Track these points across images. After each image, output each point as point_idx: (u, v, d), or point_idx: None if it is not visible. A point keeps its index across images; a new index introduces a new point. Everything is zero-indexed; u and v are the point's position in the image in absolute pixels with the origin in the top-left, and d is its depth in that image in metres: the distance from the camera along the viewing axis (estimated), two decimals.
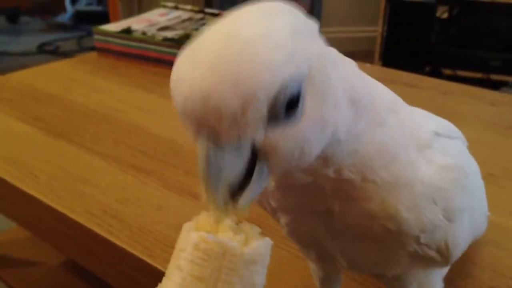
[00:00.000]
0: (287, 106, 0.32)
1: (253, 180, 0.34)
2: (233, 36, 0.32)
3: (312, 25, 0.36)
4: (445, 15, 2.70)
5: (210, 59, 0.31)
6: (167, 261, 0.67)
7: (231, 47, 0.31)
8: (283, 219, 0.47)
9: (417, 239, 0.43)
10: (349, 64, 0.40)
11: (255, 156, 0.34)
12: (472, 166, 0.51)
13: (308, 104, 0.34)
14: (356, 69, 0.41)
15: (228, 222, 0.37)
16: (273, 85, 0.31)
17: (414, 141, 0.43)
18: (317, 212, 0.43)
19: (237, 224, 0.37)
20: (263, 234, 0.38)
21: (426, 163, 0.42)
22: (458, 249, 0.46)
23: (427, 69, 2.67)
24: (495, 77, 2.60)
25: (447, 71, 2.65)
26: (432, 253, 0.44)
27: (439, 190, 0.42)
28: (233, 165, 0.33)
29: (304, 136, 0.34)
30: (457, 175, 0.44)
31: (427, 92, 1.14)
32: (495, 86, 2.54)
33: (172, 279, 0.36)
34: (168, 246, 0.68)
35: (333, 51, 0.39)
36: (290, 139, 0.34)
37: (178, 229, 0.38)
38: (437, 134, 0.45)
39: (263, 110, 0.31)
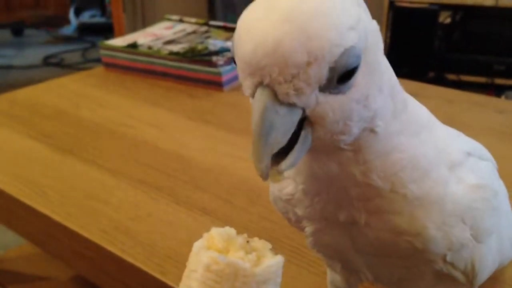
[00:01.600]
0: (344, 74, 0.33)
1: (298, 146, 0.35)
2: None
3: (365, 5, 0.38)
4: (448, 21, 2.70)
5: (285, 9, 0.32)
6: (178, 277, 0.67)
7: (304, 4, 0.32)
8: (309, 229, 0.47)
9: (443, 258, 0.42)
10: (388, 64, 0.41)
11: (302, 122, 0.35)
12: (502, 189, 0.50)
13: (359, 78, 0.34)
14: (393, 72, 0.41)
15: (239, 240, 0.37)
16: (339, 48, 0.32)
17: (446, 159, 0.42)
18: (343, 223, 0.43)
19: (247, 241, 0.38)
20: (274, 250, 0.38)
21: (457, 182, 0.42)
22: (484, 272, 0.46)
23: (431, 74, 2.68)
24: (499, 81, 2.59)
25: (451, 76, 2.65)
26: (457, 273, 0.44)
27: (469, 209, 0.42)
28: (285, 124, 0.33)
29: (349, 109, 0.35)
30: (487, 195, 0.43)
31: (432, 101, 1.15)
32: (500, 90, 2.54)
33: None
34: (180, 262, 0.68)
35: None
36: (337, 108, 0.34)
37: (189, 245, 0.39)
38: (469, 154, 0.45)
39: (325, 70, 0.32)
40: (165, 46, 1.32)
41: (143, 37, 1.40)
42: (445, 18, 2.69)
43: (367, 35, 0.35)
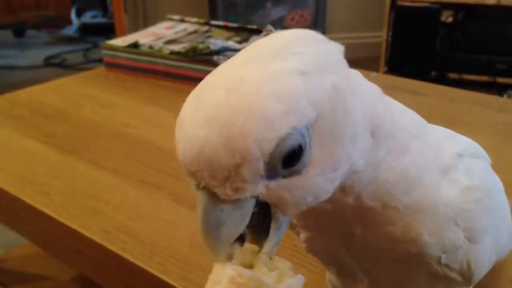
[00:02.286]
0: (289, 158, 0.31)
1: (272, 231, 0.35)
2: (234, 84, 0.31)
3: (330, 52, 0.35)
4: (450, 20, 2.70)
5: (210, 106, 0.31)
6: (180, 277, 0.67)
7: (230, 98, 0.30)
8: (303, 236, 0.47)
9: (438, 260, 0.42)
10: (372, 89, 0.38)
11: (266, 204, 0.34)
12: (496, 185, 0.50)
13: (315, 151, 0.32)
14: (379, 94, 0.39)
15: (263, 257, 0.38)
16: (270, 142, 0.30)
17: (437, 165, 0.42)
18: (338, 233, 0.43)
19: (270, 258, 0.37)
20: (295, 270, 0.38)
21: (449, 185, 0.42)
22: (480, 270, 0.46)
23: (433, 74, 2.67)
24: (501, 80, 2.59)
25: (453, 75, 2.65)
26: (453, 274, 0.44)
27: (462, 212, 0.42)
28: (234, 218, 0.33)
29: (312, 185, 0.33)
30: (480, 195, 0.43)
31: (434, 100, 1.15)
32: (502, 89, 2.54)
33: None
34: (181, 262, 0.68)
35: (356, 76, 0.37)
36: (297, 190, 0.33)
37: (190, 244, 0.39)
38: (460, 155, 0.44)
39: (259, 167, 0.30)
40: (167, 46, 1.32)
41: (144, 37, 1.40)
42: (447, 17, 2.69)
43: (321, 101, 0.32)
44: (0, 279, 1.21)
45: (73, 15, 3.87)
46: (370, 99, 0.37)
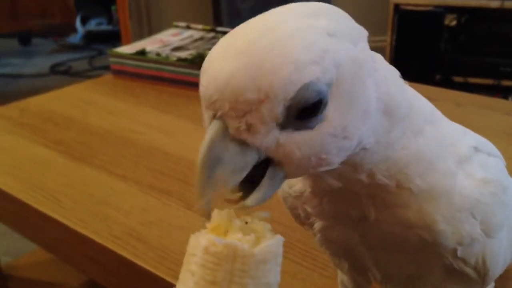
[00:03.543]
0: (308, 110, 0.32)
1: (263, 183, 0.35)
2: (267, 29, 0.32)
3: (356, 29, 0.36)
4: (454, 23, 2.70)
5: (241, 46, 0.32)
6: None
7: (263, 39, 0.32)
8: (318, 225, 0.47)
9: (453, 252, 0.42)
10: (391, 73, 0.40)
11: (268, 159, 0.34)
12: (511, 184, 0.50)
13: (330, 111, 0.33)
14: (397, 78, 0.40)
15: (237, 222, 0.37)
16: (294, 85, 0.31)
17: (453, 154, 0.42)
18: (353, 219, 0.43)
19: (246, 223, 0.37)
20: (274, 231, 0.37)
21: (465, 176, 0.42)
22: (495, 268, 0.46)
23: (438, 77, 2.67)
24: (506, 83, 2.59)
25: (458, 79, 2.64)
26: (468, 269, 0.44)
27: (478, 204, 0.42)
28: (235, 162, 0.33)
29: (321, 144, 0.34)
30: (496, 190, 0.43)
31: (440, 104, 1.13)
32: (507, 92, 2.53)
33: (185, 284, 0.36)
34: None
35: (378, 58, 0.38)
36: (305, 145, 0.33)
37: None
38: (477, 149, 0.45)
39: (279, 108, 0.31)
40: (173, 53, 1.33)
41: (151, 44, 1.41)
42: (450, 20, 2.69)
43: (341, 65, 0.33)
44: (9, 286, 1.22)
45: (78, 23, 3.89)
46: (387, 82, 0.38)
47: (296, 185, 0.46)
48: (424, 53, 2.64)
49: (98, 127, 1.11)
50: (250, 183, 0.35)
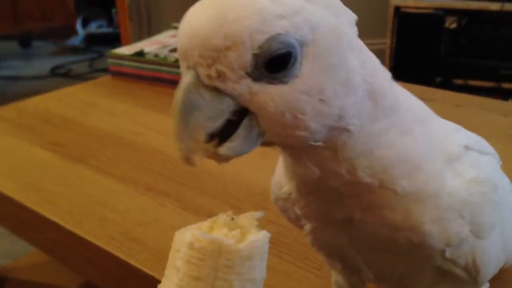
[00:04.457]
0: (278, 62, 0.33)
1: (237, 133, 0.35)
2: None
3: (340, 7, 0.38)
4: (454, 26, 2.70)
5: (210, 2, 0.34)
6: None
7: None
8: (307, 227, 0.47)
9: (442, 253, 0.42)
10: (376, 63, 0.40)
11: (246, 112, 0.35)
12: (504, 184, 0.49)
13: (305, 69, 0.34)
14: (385, 71, 0.41)
15: (223, 217, 0.37)
16: (261, 34, 0.32)
17: (442, 153, 0.42)
18: (339, 220, 0.43)
19: (232, 218, 0.37)
20: (261, 226, 0.37)
21: (454, 176, 0.42)
22: (487, 269, 0.45)
23: (438, 80, 2.67)
24: (506, 85, 2.59)
25: (458, 81, 2.64)
26: (458, 270, 0.44)
27: (467, 204, 0.42)
28: (210, 109, 0.34)
29: (295, 99, 0.34)
30: (486, 189, 0.43)
31: (439, 105, 1.14)
32: (507, 94, 2.53)
33: (170, 279, 0.36)
34: None
35: (362, 45, 0.39)
36: (279, 98, 0.34)
37: None
38: (468, 148, 0.44)
39: (247, 57, 0.33)
40: (172, 54, 1.33)
41: (149, 45, 1.41)
42: (450, 23, 2.69)
43: (318, 27, 0.35)
44: None
45: (78, 26, 3.89)
46: (373, 65, 0.39)
47: (285, 186, 0.46)
48: (424, 55, 2.64)
49: (96, 128, 1.11)
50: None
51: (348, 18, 0.38)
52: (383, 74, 0.40)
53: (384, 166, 0.39)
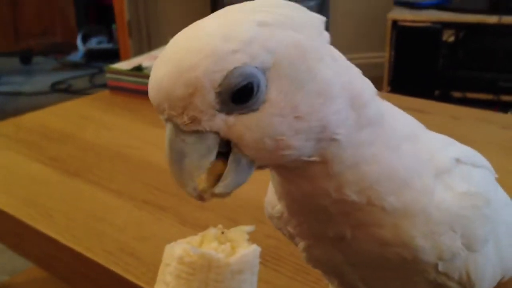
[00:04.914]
0: (242, 93, 0.34)
1: (228, 169, 0.36)
2: (192, 31, 0.36)
3: (304, 19, 0.38)
4: (452, 39, 2.71)
5: (169, 50, 0.36)
6: None
7: (187, 41, 0.35)
8: (301, 245, 0.47)
9: (435, 267, 0.42)
10: (359, 74, 0.41)
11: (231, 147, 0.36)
12: (498, 196, 0.49)
13: (272, 92, 0.35)
14: (367, 83, 0.41)
15: (213, 231, 0.37)
16: (219, 73, 0.33)
17: (431, 168, 0.42)
18: (332, 238, 0.43)
19: (222, 232, 0.37)
20: (258, 240, 0.37)
21: (444, 189, 0.42)
22: (482, 282, 0.45)
23: (436, 93, 2.68)
24: (505, 98, 2.59)
25: (457, 94, 2.65)
26: (452, 284, 0.43)
27: (458, 217, 0.42)
28: (198, 150, 0.35)
29: (270, 124, 0.35)
30: (478, 202, 0.43)
31: (437, 118, 1.15)
32: (506, 107, 2.53)
33: None
34: None
35: (336, 53, 0.39)
36: (254, 126, 0.35)
37: None
38: (459, 161, 0.44)
39: (210, 97, 0.34)
40: None
41: (148, 60, 1.41)
42: (448, 36, 2.70)
43: (277, 49, 0.35)
44: None
45: (79, 42, 3.92)
46: (348, 72, 0.39)
47: (277, 206, 0.47)
48: (422, 69, 2.65)
49: (94, 143, 1.11)
50: None
51: (314, 29, 0.38)
52: (363, 83, 0.40)
53: (370, 182, 0.39)
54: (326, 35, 0.39)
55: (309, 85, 0.36)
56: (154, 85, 0.36)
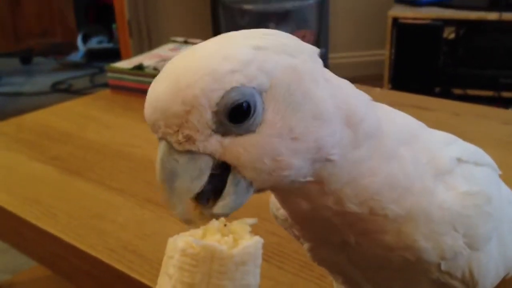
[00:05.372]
0: (239, 113, 0.34)
1: (227, 190, 0.36)
2: (192, 52, 0.36)
3: (298, 45, 0.38)
4: (452, 36, 2.71)
5: (168, 72, 0.36)
6: None
7: (186, 60, 0.36)
8: (306, 246, 0.48)
9: (437, 267, 0.42)
10: (352, 90, 0.41)
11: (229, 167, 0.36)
12: (502, 193, 0.49)
13: (269, 114, 0.35)
14: (359, 94, 0.41)
15: (215, 223, 0.37)
16: (216, 92, 0.34)
17: (431, 169, 0.42)
18: (334, 242, 0.43)
19: (225, 225, 0.37)
20: (262, 237, 0.37)
21: (446, 189, 0.42)
22: (485, 280, 0.45)
23: (437, 90, 2.68)
24: (506, 94, 2.59)
25: (457, 91, 2.65)
26: (455, 282, 0.44)
27: (460, 217, 0.42)
28: (190, 171, 0.35)
29: (267, 144, 0.35)
30: (480, 201, 0.43)
31: (438, 114, 1.15)
32: (507, 103, 2.53)
33: (163, 287, 0.36)
34: None
35: (329, 75, 0.40)
36: (251, 147, 0.35)
37: None
38: (460, 160, 0.44)
39: (207, 115, 0.34)
40: None
41: (148, 59, 1.42)
42: (449, 33, 2.70)
43: (273, 72, 0.35)
44: None
45: (79, 41, 3.92)
46: (342, 92, 0.39)
47: (280, 209, 0.48)
48: (423, 66, 2.65)
49: (95, 142, 1.11)
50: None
51: (307, 54, 0.38)
52: (358, 99, 0.40)
53: (371, 194, 0.39)
54: (319, 60, 0.39)
55: (305, 108, 0.36)
56: (151, 102, 0.36)
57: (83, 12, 4.07)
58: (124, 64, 1.40)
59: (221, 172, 0.36)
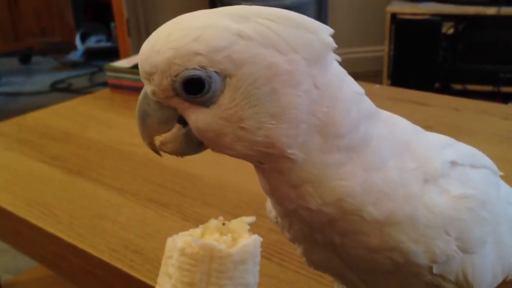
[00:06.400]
0: (194, 87, 0.38)
1: (171, 132, 0.41)
2: (180, 21, 0.39)
3: (295, 42, 0.38)
4: (451, 31, 2.71)
5: (156, 33, 0.40)
6: None
7: (170, 28, 0.39)
8: (299, 249, 0.48)
9: (429, 270, 0.42)
10: (345, 103, 0.40)
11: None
12: (501, 196, 0.49)
13: (225, 98, 0.38)
14: (352, 110, 0.40)
15: (214, 222, 0.37)
16: (176, 66, 0.37)
17: (419, 175, 0.42)
18: (323, 243, 0.44)
19: (224, 223, 0.37)
20: (252, 231, 0.37)
21: (439, 194, 0.42)
22: (481, 283, 0.45)
23: (437, 85, 2.68)
24: (505, 89, 2.59)
25: (457, 86, 2.65)
26: (449, 285, 0.43)
27: (452, 220, 0.42)
28: (158, 116, 0.41)
29: (213, 122, 0.38)
30: (473, 205, 0.43)
31: (438, 110, 1.15)
32: (506, 98, 2.53)
33: (163, 287, 0.36)
34: None
35: (323, 82, 0.39)
36: (200, 118, 0.39)
37: None
38: (455, 164, 0.44)
39: (166, 80, 0.38)
40: None
41: None
42: (448, 28, 2.70)
43: (243, 65, 0.37)
44: None
45: (78, 41, 3.91)
46: (334, 104, 0.39)
47: (272, 211, 0.49)
48: (422, 61, 2.65)
49: (96, 141, 1.11)
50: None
51: (309, 51, 0.38)
52: (349, 117, 0.40)
53: (339, 196, 0.40)
54: (315, 64, 0.39)
55: (265, 105, 0.38)
56: (139, 54, 0.41)
57: (81, 11, 4.07)
58: (123, 63, 1.40)
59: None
